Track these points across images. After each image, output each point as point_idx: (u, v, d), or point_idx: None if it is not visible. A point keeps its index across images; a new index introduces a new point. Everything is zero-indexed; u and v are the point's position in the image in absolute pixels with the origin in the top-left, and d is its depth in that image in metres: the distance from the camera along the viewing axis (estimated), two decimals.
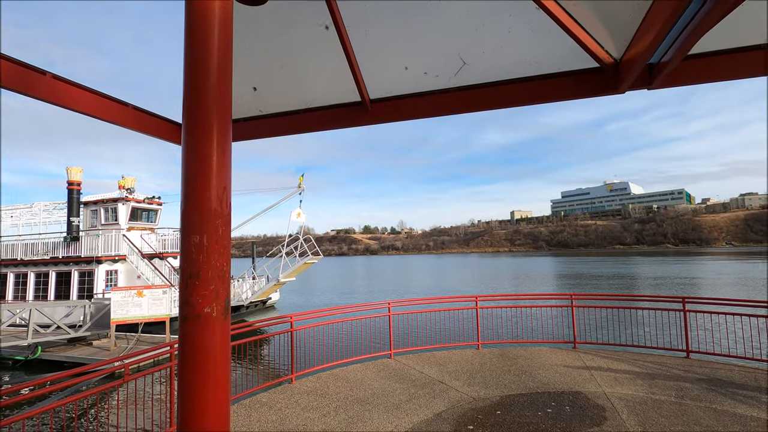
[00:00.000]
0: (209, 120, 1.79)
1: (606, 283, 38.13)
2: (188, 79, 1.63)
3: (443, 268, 74.39)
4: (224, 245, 1.88)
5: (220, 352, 1.88)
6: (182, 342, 1.80)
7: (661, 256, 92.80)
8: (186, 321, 1.74)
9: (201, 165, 1.70)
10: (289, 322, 7.29)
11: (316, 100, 3.70)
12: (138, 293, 13.96)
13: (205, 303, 1.68)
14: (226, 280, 1.86)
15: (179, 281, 1.83)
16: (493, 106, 3.33)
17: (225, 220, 1.87)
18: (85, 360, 12.75)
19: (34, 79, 2.71)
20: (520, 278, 46.38)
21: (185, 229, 1.73)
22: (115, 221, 19.94)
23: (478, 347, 8.76)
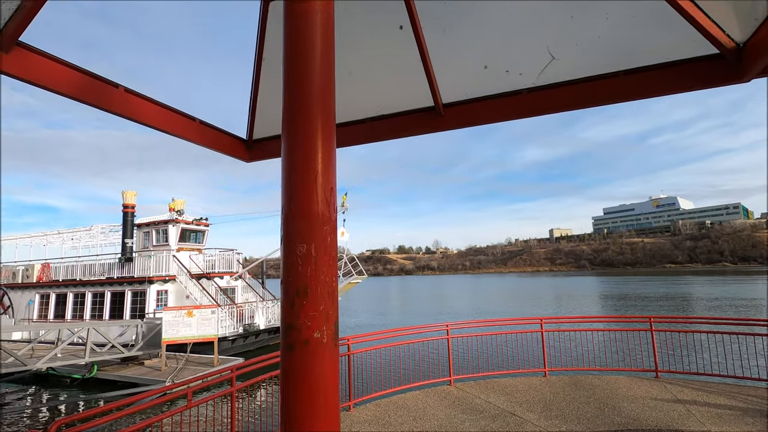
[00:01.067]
0: (313, 118, 1.54)
1: (665, 304, 35.56)
2: (290, 77, 1.51)
3: (482, 289, 72.30)
4: (333, 256, 1.59)
5: (330, 384, 1.57)
6: (287, 373, 1.47)
7: (718, 275, 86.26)
8: (292, 349, 1.46)
9: (306, 163, 1.51)
10: (345, 344, 6.96)
11: (386, 107, 3.44)
12: (188, 313, 14.13)
13: (314, 326, 1.45)
14: (335, 299, 1.54)
15: (282, 301, 1.50)
16: (586, 104, 2.94)
17: (332, 226, 1.59)
18: (138, 380, 12.91)
19: (108, 92, 2.61)
20: (567, 298, 44.16)
21: (288, 238, 1.48)
22: (165, 242, 20.61)
23: (545, 374, 8.08)
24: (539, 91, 2.97)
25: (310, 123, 1.58)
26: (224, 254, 22.00)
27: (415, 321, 29.58)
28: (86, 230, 23.23)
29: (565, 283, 79.66)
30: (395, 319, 31.54)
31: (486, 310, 35.53)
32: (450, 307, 40.66)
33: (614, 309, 34.01)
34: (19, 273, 22.96)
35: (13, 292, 22.76)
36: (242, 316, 17.82)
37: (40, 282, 22.06)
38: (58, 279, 21.75)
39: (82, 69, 2.43)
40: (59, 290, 21.33)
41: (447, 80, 3.12)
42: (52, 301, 21.42)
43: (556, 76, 2.89)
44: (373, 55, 3.07)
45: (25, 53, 2.19)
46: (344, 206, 19.24)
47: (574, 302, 40.21)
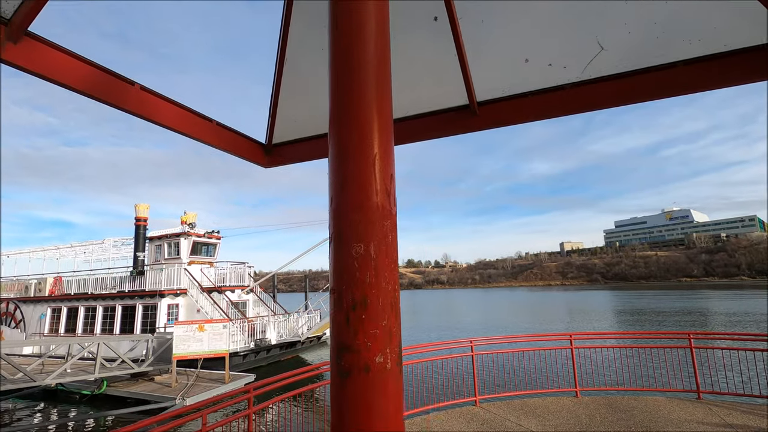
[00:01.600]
0: (367, 101, 1.36)
1: (683, 319, 34.45)
2: (342, 61, 1.38)
3: (494, 303, 71.14)
4: (394, 259, 1.30)
5: (395, 422, 1.27)
6: (340, 407, 1.22)
7: (736, 289, 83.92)
8: (348, 376, 1.20)
9: (361, 146, 1.31)
10: None
11: (416, 106, 3.16)
12: (199, 327, 13.84)
13: (376, 348, 1.20)
14: (398, 313, 1.29)
15: (333, 314, 1.26)
16: (637, 98, 2.64)
17: (393, 222, 1.32)
18: (148, 397, 12.57)
19: (122, 90, 2.39)
20: (583, 313, 43.09)
21: (340, 237, 1.26)
22: (177, 255, 20.47)
23: (576, 394, 7.59)
24: (584, 85, 2.69)
25: (364, 105, 1.35)
26: (236, 267, 21.78)
27: (429, 337, 28.97)
28: (98, 243, 23.24)
29: (579, 297, 78.12)
30: (409, 334, 30.90)
31: (501, 326, 34.74)
32: (463, 322, 39.86)
33: (632, 324, 33.01)
34: (32, 287, 22.94)
35: (25, 305, 22.73)
36: (254, 331, 17.47)
37: (52, 296, 22.00)
38: (70, 293, 21.67)
39: (95, 63, 2.23)
40: (71, 304, 21.21)
41: (483, 76, 2.85)
42: (64, 314, 21.30)
43: (605, 68, 2.61)
44: (405, 48, 2.81)
45: (35, 44, 1.97)
46: None
47: (591, 317, 39.18)
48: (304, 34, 2.89)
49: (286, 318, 19.51)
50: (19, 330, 22.11)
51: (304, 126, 3.45)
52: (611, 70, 2.59)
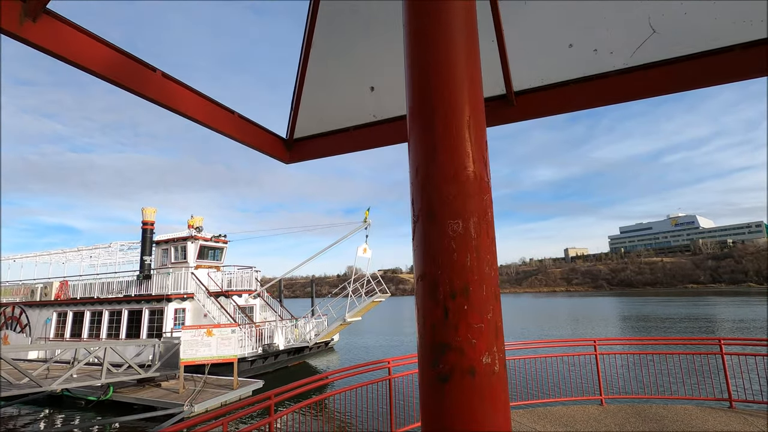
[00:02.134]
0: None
1: (690, 326, 33.91)
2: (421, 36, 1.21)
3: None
4: (493, 241, 1.13)
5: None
6: (439, 418, 1.01)
7: (743, 296, 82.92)
8: (448, 381, 1.00)
9: (452, 106, 1.13)
10: (386, 368, 6.35)
11: None
12: (207, 332, 13.61)
13: (482, 346, 1.00)
14: (500, 304, 1.10)
15: (423, 306, 1.06)
16: (689, 85, 2.42)
17: (491, 198, 1.14)
18: (155, 403, 12.33)
19: (144, 76, 2.22)
20: (592, 319, 42.57)
21: (431, 212, 1.08)
22: (184, 259, 20.30)
23: (601, 402, 7.31)
24: (631, 72, 2.47)
25: (453, 55, 1.16)
26: (242, 272, 21.59)
27: None
28: (105, 247, 23.10)
29: (585, 303, 77.42)
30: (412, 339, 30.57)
31: (512, 332, 34.31)
32: None
33: (640, 330, 32.51)
34: (38, 291, 22.82)
35: (30, 309, 22.58)
36: (261, 336, 17.22)
37: (58, 300, 21.85)
38: (76, 297, 21.52)
39: (116, 47, 2.07)
40: (76, 308, 21.04)
41: (522, 63, 2.64)
42: (69, 319, 21.13)
43: (655, 53, 2.39)
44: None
45: (54, 23, 1.80)
46: (366, 222, 18.75)
47: (599, 324, 38.67)
48: (332, 27, 2.73)
49: (294, 323, 19.26)
50: (25, 334, 21.94)
51: (328, 120, 3.28)
52: (661, 56, 2.38)
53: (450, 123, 1.13)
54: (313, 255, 20.19)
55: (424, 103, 1.18)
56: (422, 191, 1.12)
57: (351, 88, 3.02)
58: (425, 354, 1.07)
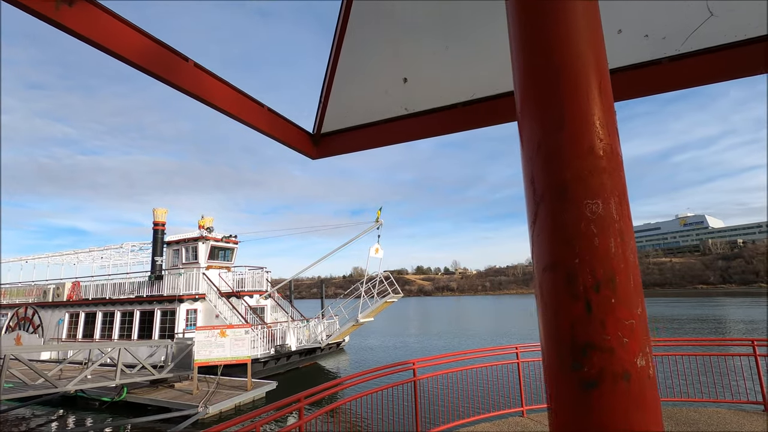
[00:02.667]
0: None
1: (699, 326, 33.42)
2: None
3: (512, 311, 70.13)
4: (629, 222, 0.98)
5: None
6: (581, 428, 0.88)
7: (754, 296, 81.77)
8: (598, 386, 0.87)
9: (580, 68, 1.01)
10: (411, 369, 6.21)
11: (484, 88, 2.80)
12: (221, 333, 13.54)
13: (635, 346, 0.88)
14: (644, 299, 0.97)
15: (554, 300, 0.95)
16: (748, 71, 2.26)
17: (624, 177, 1.01)
18: (170, 404, 12.27)
19: (176, 65, 2.13)
20: None
21: (562, 191, 0.95)
22: (195, 260, 20.28)
23: None
24: (685, 59, 2.32)
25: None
26: (253, 272, 21.56)
27: (459, 343, 28.40)
28: (117, 248, 23.16)
29: None
30: (430, 340, 30.34)
31: (525, 333, 34.03)
32: (490, 328, 39.14)
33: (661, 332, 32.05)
34: (50, 292, 22.92)
35: (43, 310, 22.69)
36: (273, 337, 17.14)
37: (70, 301, 21.93)
38: (88, 298, 21.59)
39: (149, 35, 2.01)
40: (89, 309, 21.10)
41: None
42: (81, 320, 21.19)
43: (710, 38, 2.24)
44: (471, 24, 2.49)
45: (90, 8, 1.72)
46: (378, 221, 18.62)
47: None
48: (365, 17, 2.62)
49: (306, 324, 19.17)
50: (37, 335, 22.04)
51: (356, 114, 3.18)
52: (717, 41, 2.23)
53: (580, 89, 1.01)
54: (325, 255, 20.16)
55: (544, 72, 1.06)
56: (548, 168, 1.00)
57: (382, 80, 2.91)
58: (561, 355, 0.93)
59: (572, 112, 0.98)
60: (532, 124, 1.05)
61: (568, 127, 0.98)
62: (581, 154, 0.96)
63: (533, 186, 1.03)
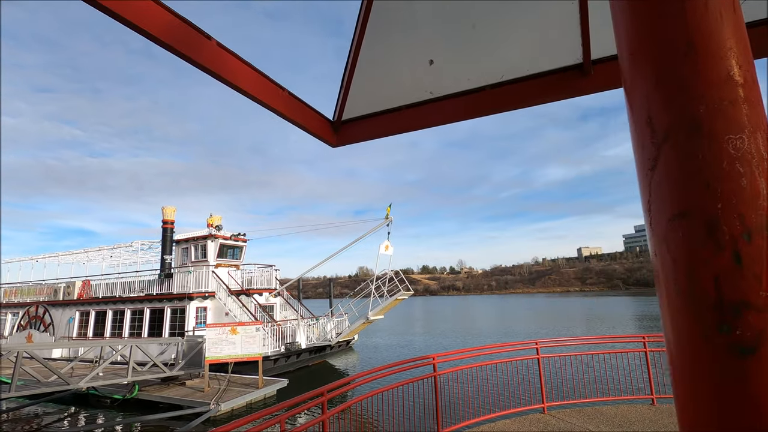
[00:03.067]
0: None
1: None
2: None
3: (520, 310, 69.76)
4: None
5: None
6: (733, 401, 0.77)
7: None
8: (755, 351, 0.75)
9: None
10: (431, 364, 6.08)
11: (515, 69, 2.66)
12: (232, 330, 13.49)
13: None
14: None
15: (678, 254, 0.85)
16: None
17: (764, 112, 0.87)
18: (181, 402, 12.23)
19: (200, 43, 2.04)
20: (618, 319, 41.79)
21: (696, 125, 0.83)
22: (204, 258, 20.29)
23: (652, 402, 6.96)
24: (754, 28, 2.17)
25: None
26: (262, 270, 21.55)
27: (466, 342, 28.25)
28: (126, 246, 23.25)
29: (603, 303, 76.16)
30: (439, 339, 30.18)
31: (538, 332, 33.79)
32: (501, 327, 38.92)
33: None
34: (61, 290, 23.05)
35: (54, 309, 22.82)
36: (283, 335, 17.09)
37: (81, 299, 22.03)
38: (98, 296, 21.68)
39: (173, 11, 1.89)
40: (99, 307, 21.18)
41: (605, 27, 2.34)
42: (92, 318, 21.29)
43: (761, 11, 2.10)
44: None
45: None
46: (388, 218, 18.50)
47: (626, 323, 37.89)
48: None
49: (315, 322, 19.10)
50: (48, 333, 22.17)
51: (378, 100, 3.05)
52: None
53: (707, 12, 0.88)
54: (334, 253, 20.08)
55: None
56: (673, 103, 0.87)
57: (407, 63, 2.79)
58: (701, 317, 0.80)
59: (704, 34, 0.85)
60: (649, 56, 0.91)
61: (700, 51, 0.85)
62: (717, 82, 0.83)
63: (651, 127, 0.90)
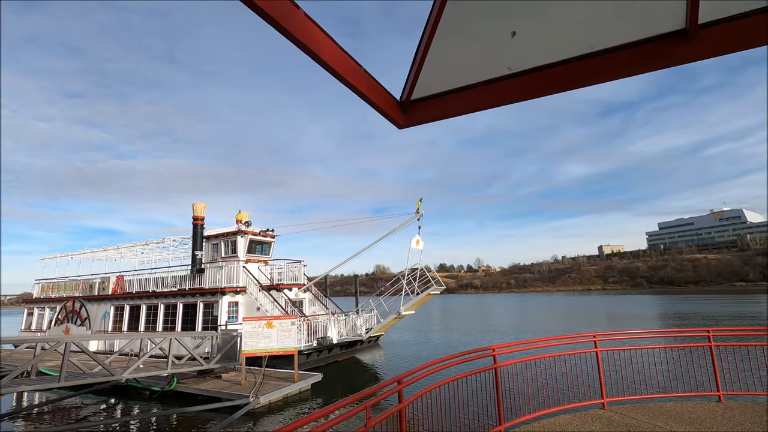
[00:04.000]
0: None
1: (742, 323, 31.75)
2: None
3: (544, 307, 68.70)
4: None
5: None
6: None
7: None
8: None
9: None
10: (491, 356, 5.92)
11: (600, 40, 2.43)
12: (268, 324, 13.56)
13: None
14: None
15: None
16: None
17: None
18: (220, 394, 12.34)
19: (288, 11, 1.90)
20: (648, 317, 40.72)
21: None
22: (234, 254, 20.51)
23: (719, 399, 6.65)
24: None
25: None
26: (291, 266, 21.69)
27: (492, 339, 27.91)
28: (158, 242, 23.71)
29: (628, 301, 74.35)
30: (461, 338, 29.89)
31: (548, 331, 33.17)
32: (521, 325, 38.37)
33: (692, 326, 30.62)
34: (96, 285, 23.66)
35: (89, 303, 23.42)
36: (315, 329, 17.14)
37: (115, 294, 22.56)
38: (132, 291, 22.16)
39: None
40: (133, 302, 21.65)
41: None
42: (126, 312, 21.78)
43: None
44: None
45: None
46: (419, 212, 18.36)
47: (658, 321, 36.87)
48: None
49: (346, 317, 19.13)
50: (85, 327, 22.78)
51: (449, 78, 2.87)
52: None
53: None
54: (364, 248, 20.11)
55: None
56: None
57: (486, 35, 2.61)
58: None
59: None
60: None
61: None
62: None
63: None
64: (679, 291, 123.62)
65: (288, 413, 11.77)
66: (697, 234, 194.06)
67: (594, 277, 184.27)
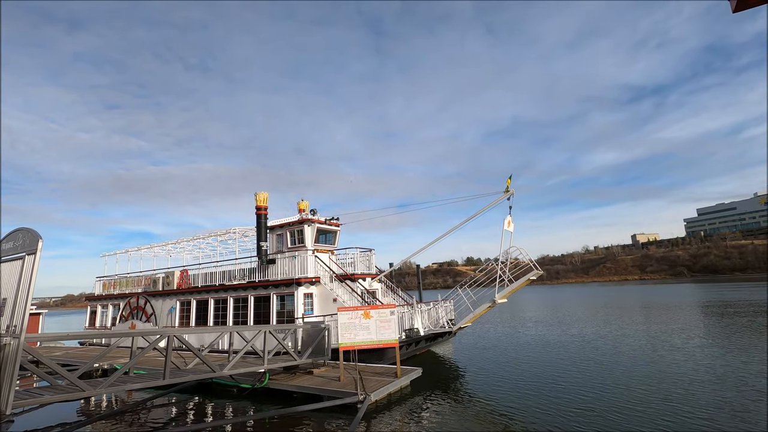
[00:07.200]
0: None
1: None
2: None
3: (596, 299, 65.88)
4: None
5: None
6: None
7: None
8: None
9: None
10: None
11: None
12: (365, 314, 12.38)
13: None
14: None
15: None
16: None
17: None
18: (321, 392, 11.22)
19: None
20: (714, 308, 37.97)
21: None
22: (301, 244, 19.49)
23: None
24: None
25: None
26: (363, 254, 20.59)
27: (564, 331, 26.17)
28: (223, 234, 22.95)
29: (680, 291, 70.60)
30: (531, 330, 28.20)
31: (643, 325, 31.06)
32: (588, 315, 36.30)
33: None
34: (159, 281, 23.14)
35: (154, 299, 22.92)
36: (401, 321, 15.93)
37: (180, 288, 21.94)
38: (197, 285, 21.49)
39: None
40: (200, 296, 20.97)
41: None
42: (193, 307, 21.12)
43: None
44: None
45: None
46: (509, 191, 16.90)
47: (721, 312, 34.18)
48: None
49: (430, 308, 17.89)
50: (151, 323, 22.25)
51: None
52: None
53: None
54: (451, 229, 19.03)
55: None
56: None
57: None
58: None
59: None
60: None
61: None
62: None
63: None
64: (726, 279, 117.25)
65: (399, 411, 10.54)
66: (740, 219, 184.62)
67: (631, 267, 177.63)
